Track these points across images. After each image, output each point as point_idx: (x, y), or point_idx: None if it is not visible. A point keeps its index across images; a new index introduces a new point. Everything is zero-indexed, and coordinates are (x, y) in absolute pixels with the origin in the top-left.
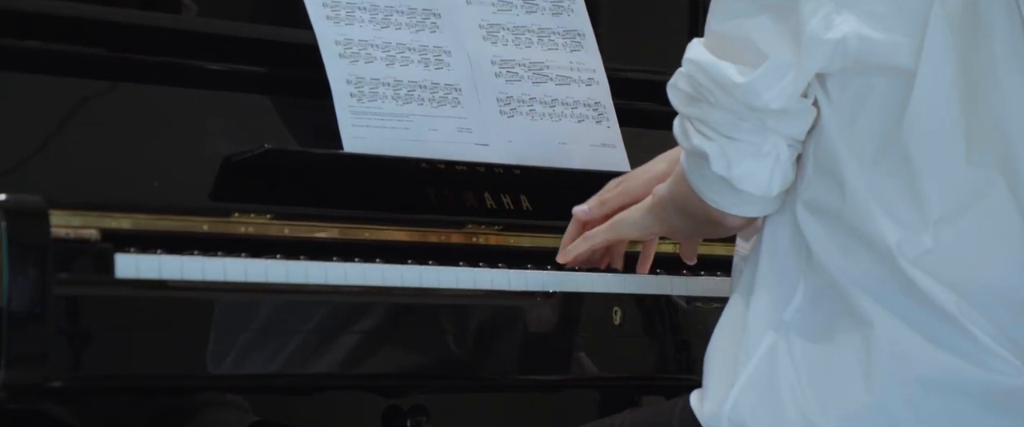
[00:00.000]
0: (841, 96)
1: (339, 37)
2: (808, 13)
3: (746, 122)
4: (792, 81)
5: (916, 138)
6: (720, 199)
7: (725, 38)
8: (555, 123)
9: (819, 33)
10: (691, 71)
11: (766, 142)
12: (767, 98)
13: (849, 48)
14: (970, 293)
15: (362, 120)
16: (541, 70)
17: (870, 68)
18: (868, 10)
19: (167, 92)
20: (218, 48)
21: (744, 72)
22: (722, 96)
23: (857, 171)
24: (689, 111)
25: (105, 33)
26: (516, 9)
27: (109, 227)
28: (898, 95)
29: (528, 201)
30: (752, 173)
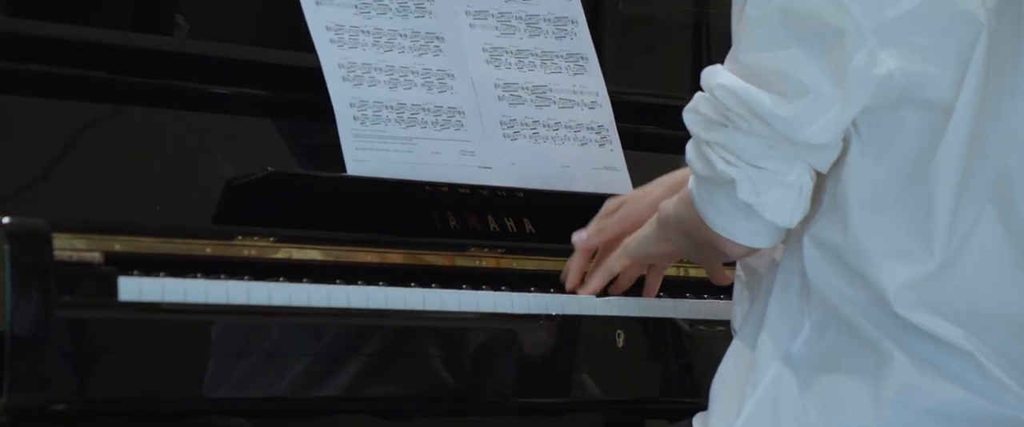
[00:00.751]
0: (871, 132)
1: (343, 60)
2: (853, 48)
3: (775, 150)
4: (837, 116)
5: (945, 172)
6: (731, 228)
7: (759, 68)
8: (558, 146)
9: (865, 69)
10: (721, 97)
11: (792, 171)
12: (809, 133)
13: (894, 84)
14: (976, 326)
15: (365, 143)
16: (544, 93)
17: (906, 103)
18: (912, 42)
19: (170, 115)
20: (222, 71)
21: (781, 104)
22: (757, 124)
23: (864, 210)
24: (710, 136)
25: (108, 56)
26: (519, 33)
27: (112, 250)
28: (931, 131)
29: (531, 224)
30: (779, 202)
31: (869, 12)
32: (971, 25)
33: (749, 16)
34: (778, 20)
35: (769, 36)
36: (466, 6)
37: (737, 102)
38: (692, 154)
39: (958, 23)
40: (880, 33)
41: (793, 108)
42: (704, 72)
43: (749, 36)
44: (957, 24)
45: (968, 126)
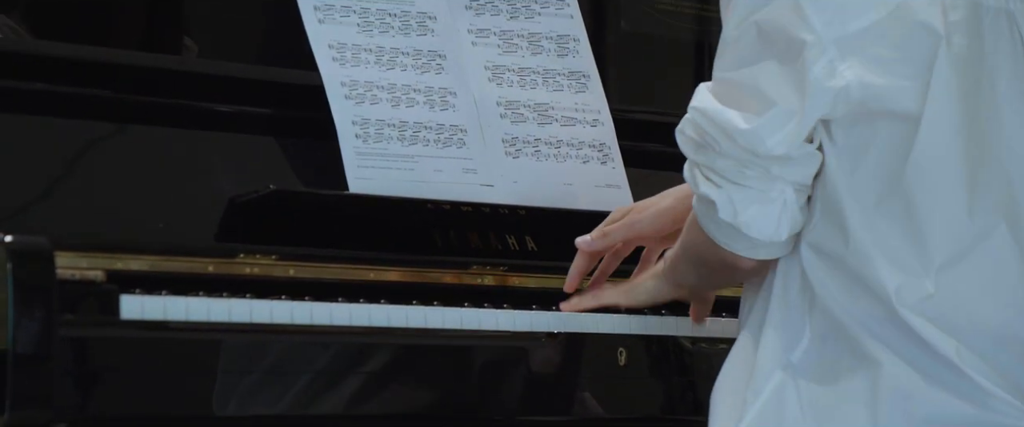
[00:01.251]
0: (845, 141)
1: (345, 79)
2: (811, 60)
3: (751, 169)
4: (795, 128)
5: (920, 183)
6: (732, 243)
7: (733, 85)
8: (560, 164)
9: (822, 80)
10: (696, 118)
11: (772, 188)
12: (769, 144)
13: (852, 95)
14: (971, 338)
15: (367, 161)
16: (546, 111)
17: (874, 114)
18: (873, 55)
19: (173, 134)
20: (224, 90)
21: (749, 119)
22: (726, 143)
23: (859, 216)
24: (697, 158)
25: (111, 75)
26: (521, 51)
27: (114, 268)
28: (902, 140)
29: (533, 242)
30: (758, 219)
31: (831, 24)
32: (931, 36)
33: (724, 36)
34: (754, 36)
35: (745, 53)
36: (468, 24)
37: (709, 122)
38: (687, 174)
39: (918, 34)
40: (841, 45)
41: (755, 121)
42: (695, 91)
43: (725, 55)
44: (917, 35)
45: (947, 139)
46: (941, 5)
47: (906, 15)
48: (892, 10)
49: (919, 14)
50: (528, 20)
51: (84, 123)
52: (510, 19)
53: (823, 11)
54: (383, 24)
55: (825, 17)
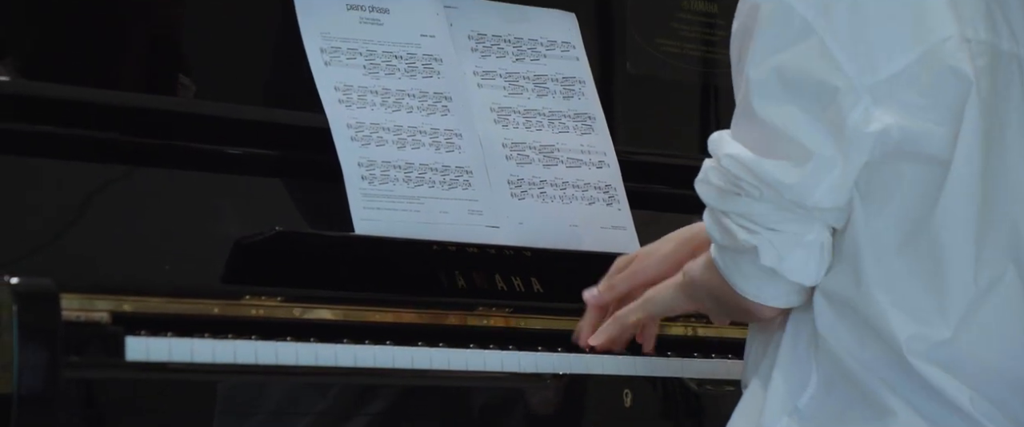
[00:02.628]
0: (869, 186)
1: (351, 120)
2: (847, 107)
3: (791, 213)
4: (840, 176)
5: (948, 227)
6: (759, 292)
7: (762, 132)
8: (566, 205)
9: (861, 127)
10: (730, 167)
11: (810, 231)
12: (817, 196)
13: (891, 138)
14: (984, 385)
15: (373, 202)
16: (552, 153)
17: (903, 157)
18: (905, 101)
19: (178, 175)
20: (230, 131)
21: (788, 171)
22: (768, 191)
23: (874, 262)
24: (726, 206)
25: (116, 117)
26: (527, 92)
27: (120, 310)
28: (929, 185)
29: (539, 283)
30: (802, 263)
31: (863, 71)
32: (962, 82)
33: (748, 77)
34: (775, 81)
35: (768, 98)
36: (474, 66)
37: (746, 171)
38: (710, 224)
39: (949, 80)
40: (874, 91)
41: (799, 173)
42: (711, 139)
43: (748, 100)
44: (948, 81)
45: (971, 184)
46: (969, 50)
47: (936, 60)
48: (921, 55)
49: (949, 59)
50: (534, 62)
51: (89, 165)
52: (516, 61)
53: (854, 57)
54: (389, 66)
55: (857, 63)
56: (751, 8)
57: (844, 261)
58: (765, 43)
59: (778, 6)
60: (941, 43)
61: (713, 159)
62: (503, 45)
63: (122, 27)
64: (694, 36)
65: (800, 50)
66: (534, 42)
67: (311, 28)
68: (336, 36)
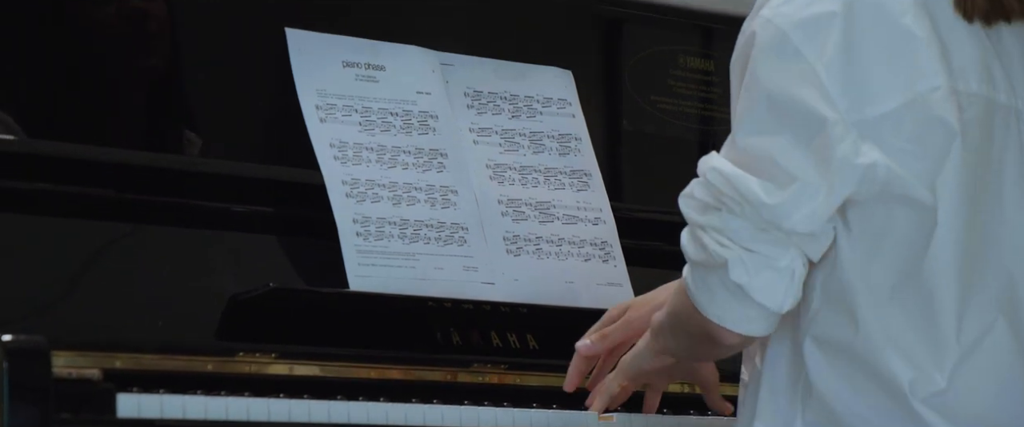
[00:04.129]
0: (862, 227)
1: (346, 177)
2: (837, 138)
3: (767, 234)
4: (822, 204)
5: (938, 274)
6: (724, 314)
7: (748, 153)
8: (562, 262)
9: (850, 158)
10: (713, 180)
11: (784, 256)
12: (795, 220)
13: (878, 174)
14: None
15: (368, 259)
16: (548, 209)
17: (894, 199)
18: (891, 144)
19: (173, 232)
20: (225, 188)
21: (770, 191)
22: (747, 208)
23: (871, 306)
24: (704, 220)
25: (109, 174)
26: (523, 149)
27: (112, 367)
28: (920, 229)
29: (534, 340)
30: (770, 286)
31: (853, 107)
32: (946, 132)
33: (741, 101)
34: (764, 107)
35: (758, 122)
36: (470, 123)
37: (728, 185)
38: (686, 240)
39: (934, 129)
40: (861, 128)
41: (781, 196)
42: (701, 159)
43: (741, 121)
44: (933, 130)
45: (956, 234)
46: (957, 102)
47: (922, 108)
48: (909, 101)
49: (935, 109)
50: (530, 119)
51: (82, 222)
52: (512, 118)
53: (846, 92)
54: (385, 123)
55: (848, 98)
56: (749, 36)
57: (837, 305)
58: (759, 70)
59: (774, 34)
60: (929, 92)
61: (700, 175)
62: (499, 102)
63: (115, 84)
64: (690, 93)
65: (793, 78)
66: (530, 99)
67: (307, 85)
68: (332, 93)
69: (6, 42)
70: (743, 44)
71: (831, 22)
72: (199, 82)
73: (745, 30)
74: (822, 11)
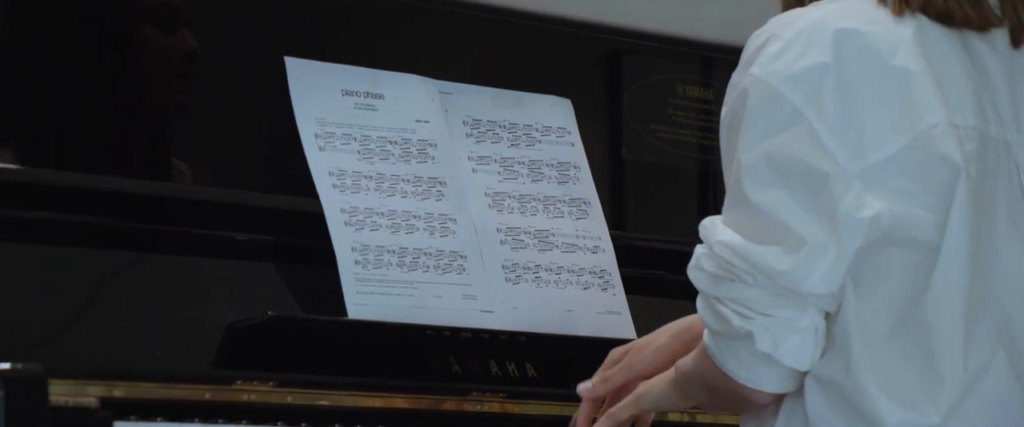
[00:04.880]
0: (860, 271)
1: (345, 205)
2: (839, 193)
3: (786, 299)
4: (834, 263)
5: (939, 312)
6: (755, 377)
7: (753, 217)
8: (561, 290)
9: (853, 213)
10: (722, 253)
11: (805, 316)
12: (812, 283)
13: (882, 223)
14: None
15: (366, 287)
16: (547, 237)
17: (894, 242)
18: (895, 187)
19: (171, 260)
20: (224, 216)
21: (781, 258)
22: (761, 278)
23: (863, 347)
24: (719, 292)
25: (108, 202)
26: (522, 178)
27: (110, 396)
28: (918, 270)
29: (533, 368)
30: (798, 348)
31: (853, 157)
32: (951, 168)
33: (739, 163)
34: (765, 167)
35: (760, 184)
36: (469, 151)
37: (738, 257)
38: (704, 310)
39: (938, 167)
40: (864, 177)
41: (792, 261)
42: (702, 225)
43: (739, 185)
44: (937, 168)
45: (961, 270)
46: (957, 136)
47: (925, 146)
48: (910, 141)
49: (938, 146)
50: (529, 148)
51: (80, 250)
52: (511, 146)
53: (845, 143)
54: (383, 151)
55: (847, 150)
56: (740, 94)
57: (835, 346)
58: (755, 129)
59: (767, 92)
60: (930, 129)
61: (705, 245)
62: (498, 130)
63: (112, 112)
64: (690, 122)
65: (790, 136)
66: (529, 127)
67: (306, 114)
68: (331, 122)
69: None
70: (734, 100)
71: (823, 74)
72: (199, 110)
73: (735, 85)
74: (813, 63)
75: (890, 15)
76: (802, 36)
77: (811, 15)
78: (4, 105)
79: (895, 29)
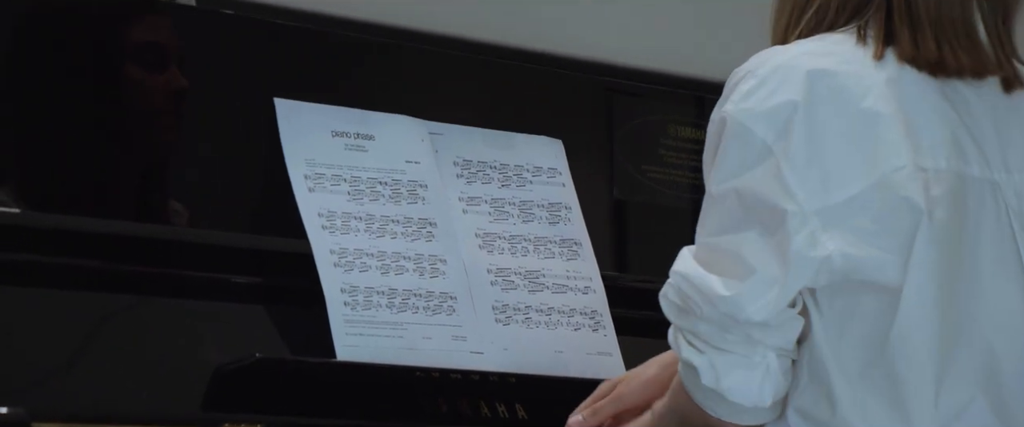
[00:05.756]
0: (830, 310)
1: (334, 246)
2: (793, 230)
3: (732, 334)
4: (776, 296)
5: (902, 357)
6: (716, 408)
7: (716, 250)
8: (551, 331)
9: (804, 251)
10: (678, 283)
11: (755, 353)
12: (750, 311)
13: (834, 265)
14: None
15: (355, 328)
16: (537, 278)
17: (856, 284)
18: (855, 226)
19: (158, 302)
20: (211, 258)
21: (730, 285)
22: (707, 308)
23: (844, 385)
24: (680, 322)
25: (95, 244)
26: (513, 218)
27: None
28: (884, 311)
29: (524, 410)
30: (742, 385)
31: (814, 195)
32: (912, 211)
33: (709, 194)
34: (732, 201)
35: (725, 217)
36: (459, 192)
37: (691, 287)
38: (671, 340)
39: (900, 209)
40: (823, 215)
41: (737, 288)
42: (678, 256)
43: (707, 219)
44: (899, 210)
45: (927, 312)
46: (923, 180)
47: (888, 189)
48: (874, 183)
49: (901, 189)
50: (519, 188)
51: (66, 293)
52: (501, 187)
53: (805, 182)
54: (373, 192)
55: (808, 188)
56: (719, 122)
57: (815, 381)
58: (727, 163)
59: (738, 128)
60: (893, 172)
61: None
62: (489, 171)
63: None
64: (681, 162)
65: (757, 173)
66: (520, 168)
67: (296, 155)
68: (321, 162)
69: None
70: (711, 134)
71: (793, 113)
72: (187, 151)
73: (713, 120)
74: (783, 101)
75: (867, 57)
76: (776, 74)
77: (787, 53)
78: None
79: (870, 71)
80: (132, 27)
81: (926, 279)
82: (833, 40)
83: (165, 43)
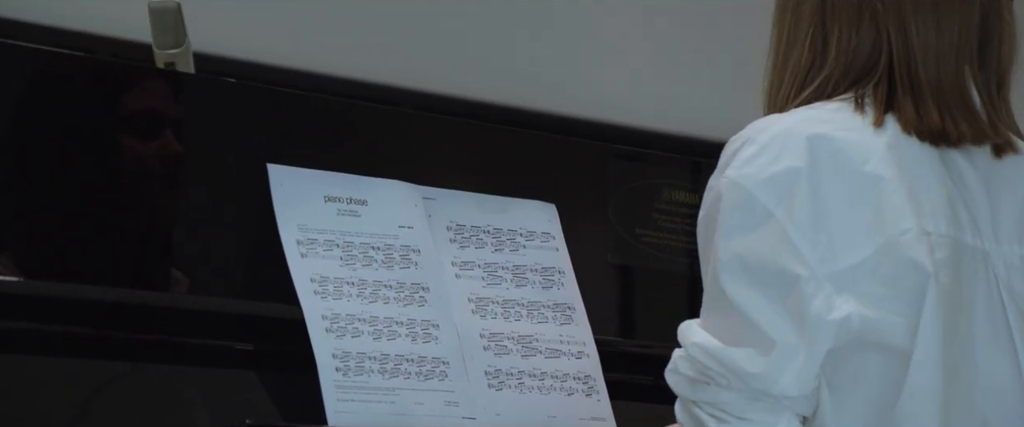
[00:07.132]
0: (835, 374)
1: (326, 312)
2: (809, 294)
3: (761, 402)
4: (804, 364)
5: (910, 419)
6: None
7: (727, 320)
8: (544, 396)
9: (823, 315)
10: (697, 356)
11: (780, 420)
12: (784, 385)
13: (852, 326)
14: None
15: (347, 394)
16: (530, 343)
17: (867, 346)
18: (865, 290)
19: (149, 369)
20: (203, 325)
21: (753, 360)
22: (734, 381)
23: None
24: (696, 396)
25: (88, 312)
26: (506, 283)
27: None
28: (893, 374)
29: None
30: None
31: (824, 260)
32: (920, 274)
33: (713, 265)
34: (739, 268)
35: (733, 285)
36: (452, 257)
37: (712, 360)
38: (681, 414)
39: (908, 272)
40: (835, 280)
41: (764, 362)
42: (680, 329)
43: (713, 288)
44: (907, 273)
45: (934, 377)
46: (928, 243)
47: (895, 252)
48: (880, 247)
49: (908, 251)
50: (513, 253)
51: (58, 361)
52: (495, 252)
53: (816, 246)
54: (366, 257)
55: (818, 253)
56: (715, 197)
57: None
58: (728, 231)
59: (740, 195)
60: (899, 235)
61: (682, 348)
62: (482, 236)
63: (91, 221)
64: (675, 227)
65: (762, 237)
66: (513, 233)
67: (288, 220)
68: (313, 228)
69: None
70: (710, 203)
71: (796, 178)
72: (178, 217)
73: (711, 188)
74: (786, 167)
75: (866, 124)
76: (776, 141)
77: (785, 120)
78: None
79: (870, 137)
80: (130, 94)
81: (935, 343)
82: (830, 108)
83: (162, 110)
